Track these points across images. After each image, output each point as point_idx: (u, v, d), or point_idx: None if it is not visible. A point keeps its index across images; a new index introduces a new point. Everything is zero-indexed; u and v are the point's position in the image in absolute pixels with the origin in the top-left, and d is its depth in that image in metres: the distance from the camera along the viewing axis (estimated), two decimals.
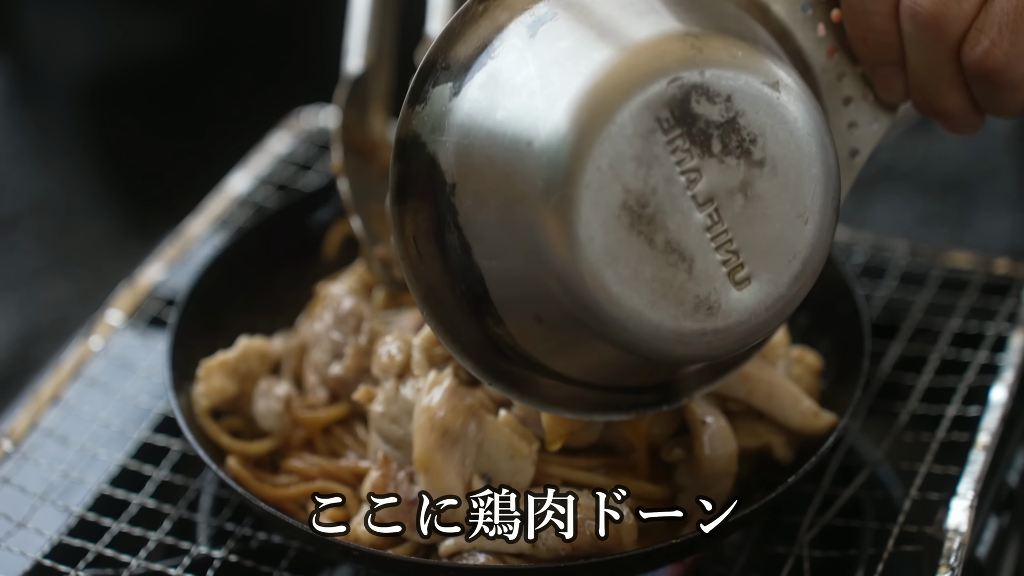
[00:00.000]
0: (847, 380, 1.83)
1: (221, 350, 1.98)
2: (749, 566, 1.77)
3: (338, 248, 2.16)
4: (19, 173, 4.08)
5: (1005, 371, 1.92)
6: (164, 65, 4.14)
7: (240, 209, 2.37)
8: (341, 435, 1.88)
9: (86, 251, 3.84)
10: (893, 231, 3.15)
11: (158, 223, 2.87)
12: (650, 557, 1.63)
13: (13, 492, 1.90)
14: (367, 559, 1.68)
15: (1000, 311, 2.05)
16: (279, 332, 2.06)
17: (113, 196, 4.11)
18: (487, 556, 1.63)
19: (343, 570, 1.90)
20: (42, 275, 3.76)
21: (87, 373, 2.07)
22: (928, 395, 1.96)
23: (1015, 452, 2.02)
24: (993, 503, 1.93)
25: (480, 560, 1.63)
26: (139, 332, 2.15)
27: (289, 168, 2.47)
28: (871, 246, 2.23)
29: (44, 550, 1.84)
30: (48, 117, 4.33)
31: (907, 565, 1.81)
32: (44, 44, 4.23)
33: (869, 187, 3.82)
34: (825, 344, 1.93)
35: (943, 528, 1.73)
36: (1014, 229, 3.68)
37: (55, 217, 3.94)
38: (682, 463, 1.75)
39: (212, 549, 1.83)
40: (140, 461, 1.96)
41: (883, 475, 1.98)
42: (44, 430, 1.99)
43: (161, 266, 2.25)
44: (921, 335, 2.11)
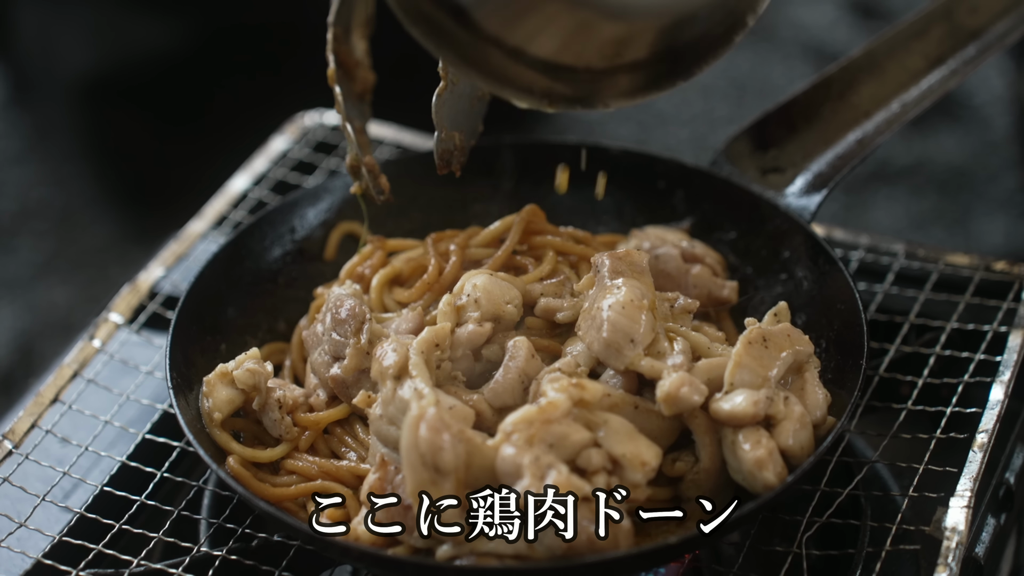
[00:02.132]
0: (846, 381, 1.84)
1: (222, 348, 1.99)
2: (748, 565, 1.78)
3: (337, 249, 2.17)
4: (19, 175, 4.09)
5: (1003, 371, 1.92)
6: (163, 68, 4.14)
7: (242, 210, 2.38)
8: (341, 436, 1.89)
9: (87, 252, 3.85)
10: (891, 232, 3.16)
11: (158, 224, 2.88)
12: (648, 556, 1.64)
13: (14, 492, 1.91)
14: (366, 559, 1.68)
15: (998, 311, 2.06)
16: (278, 333, 2.08)
17: (113, 198, 4.11)
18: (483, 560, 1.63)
19: (343, 569, 1.91)
20: (43, 276, 3.76)
21: (88, 374, 2.08)
22: (926, 394, 1.97)
23: (1013, 451, 2.03)
24: (991, 502, 1.94)
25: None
26: (140, 332, 2.16)
27: (291, 170, 2.47)
28: (869, 247, 2.23)
29: (45, 549, 1.85)
30: (46, 120, 4.33)
31: (905, 564, 1.82)
32: (42, 47, 4.23)
33: (867, 189, 3.83)
34: (824, 344, 1.94)
35: (941, 527, 1.73)
36: (1011, 230, 3.68)
37: (56, 219, 3.95)
38: (688, 474, 1.76)
39: (212, 548, 1.83)
40: (141, 461, 1.96)
41: (881, 474, 1.99)
42: (45, 430, 1.99)
43: (162, 267, 2.25)
44: (919, 335, 2.11)
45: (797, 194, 2.10)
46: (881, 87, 2.19)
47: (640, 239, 2.08)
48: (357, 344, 1.84)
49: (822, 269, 1.99)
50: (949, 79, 2.18)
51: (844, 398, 1.80)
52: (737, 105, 4.19)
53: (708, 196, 2.15)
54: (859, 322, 1.88)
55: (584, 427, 1.67)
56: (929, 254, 2.19)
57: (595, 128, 4.12)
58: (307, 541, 1.73)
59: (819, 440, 1.75)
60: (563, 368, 1.77)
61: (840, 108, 2.19)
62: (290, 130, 2.55)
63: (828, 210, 3.66)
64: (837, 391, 1.82)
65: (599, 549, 1.61)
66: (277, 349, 2.06)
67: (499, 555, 1.63)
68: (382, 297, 1.99)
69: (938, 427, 1.88)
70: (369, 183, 2.01)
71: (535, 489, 1.59)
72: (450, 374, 1.82)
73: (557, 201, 2.17)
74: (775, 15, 4.47)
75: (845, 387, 1.83)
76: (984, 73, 4.09)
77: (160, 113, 4.12)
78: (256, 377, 1.87)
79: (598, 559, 1.60)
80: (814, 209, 2.08)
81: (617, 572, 1.66)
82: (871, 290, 2.16)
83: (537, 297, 1.90)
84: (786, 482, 1.68)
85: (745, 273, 2.10)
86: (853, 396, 1.78)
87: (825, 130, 2.17)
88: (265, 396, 1.87)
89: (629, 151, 2.21)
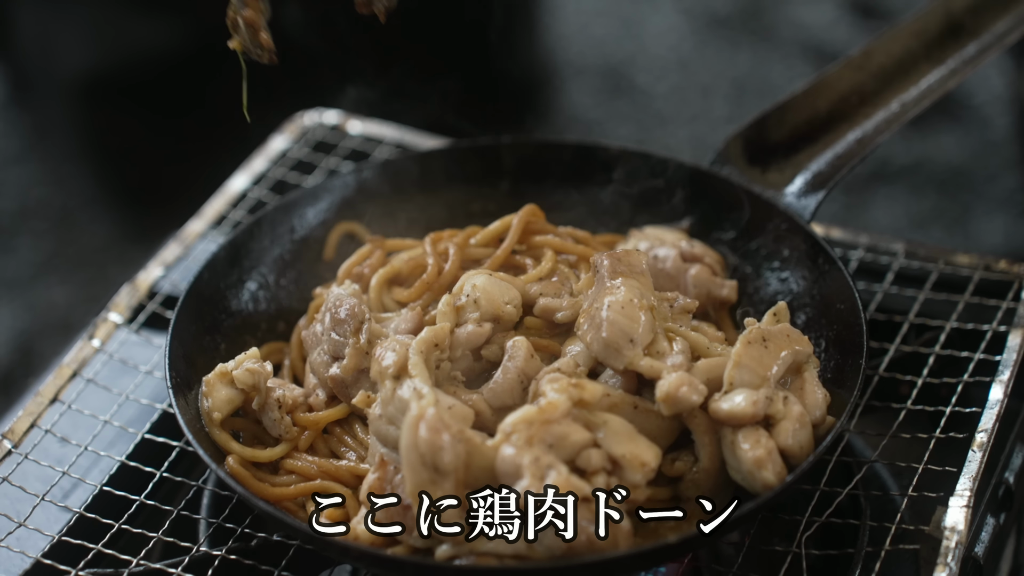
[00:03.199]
0: (845, 381, 1.84)
1: (221, 348, 1.99)
2: (747, 564, 1.78)
3: (336, 249, 2.17)
4: (18, 175, 4.09)
5: (1002, 370, 1.92)
6: (162, 67, 4.14)
7: (241, 210, 2.38)
8: (341, 435, 1.88)
9: (87, 252, 3.84)
10: (890, 232, 3.16)
11: (158, 224, 2.88)
12: (648, 556, 1.64)
13: (14, 491, 1.91)
14: (366, 559, 1.68)
15: (997, 311, 2.06)
16: (277, 333, 2.08)
17: (113, 197, 4.11)
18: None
19: (342, 569, 1.91)
20: (43, 276, 3.76)
21: (88, 373, 2.08)
22: (925, 394, 1.97)
23: (1012, 451, 2.03)
24: (990, 502, 1.94)
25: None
26: (140, 332, 2.16)
27: (290, 170, 2.47)
28: (869, 246, 2.23)
29: (44, 549, 1.85)
30: (45, 119, 4.33)
31: (905, 563, 1.82)
32: (41, 46, 4.23)
33: (866, 188, 3.83)
34: (823, 344, 1.94)
35: (940, 527, 1.73)
36: (1011, 229, 3.68)
37: (55, 218, 3.95)
38: (688, 474, 1.76)
39: (212, 548, 1.83)
40: (140, 461, 1.96)
41: (881, 474, 1.99)
42: (45, 430, 1.99)
43: (162, 267, 2.25)
44: (919, 334, 2.11)
45: (796, 194, 2.10)
46: (880, 87, 2.19)
47: (638, 239, 2.08)
48: (356, 344, 1.84)
49: (822, 269, 1.99)
50: (948, 79, 2.18)
51: (844, 397, 1.80)
52: (737, 105, 4.19)
53: (707, 196, 2.15)
54: (859, 322, 1.87)
55: (584, 427, 1.67)
56: (929, 254, 2.19)
57: (594, 128, 4.12)
58: (307, 541, 1.73)
59: (818, 439, 1.75)
60: (562, 368, 1.77)
61: (839, 108, 2.19)
62: (289, 129, 2.55)
63: (828, 210, 3.66)
64: (836, 391, 1.82)
65: (599, 549, 1.61)
66: (276, 349, 2.06)
67: (499, 555, 1.63)
68: (381, 297, 1.99)
69: (937, 427, 1.88)
70: (246, 39, 1.88)
71: (535, 489, 1.59)
72: (449, 374, 1.82)
73: (556, 201, 2.17)
74: (775, 15, 4.47)
75: (845, 387, 1.83)
76: (984, 73, 4.09)
77: (159, 112, 4.12)
78: (256, 377, 1.87)
79: (598, 559, 1.60)
80: (813, 209, 2.08)
81: (617, 572, 1.66)
82: (871, 290, 2.16)
83: (536, 297, 1.90)
84: (786, 482, 1.68)
85: (744, 273, 2.10)
86: (853, 396, 1.78)
87: (824, 130, 2.17)
88: (265, 396, 1.87)
89: (628, 151, 2.21)
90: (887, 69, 2.20)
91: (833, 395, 1.82)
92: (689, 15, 4.46)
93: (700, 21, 4.46)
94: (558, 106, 4.27)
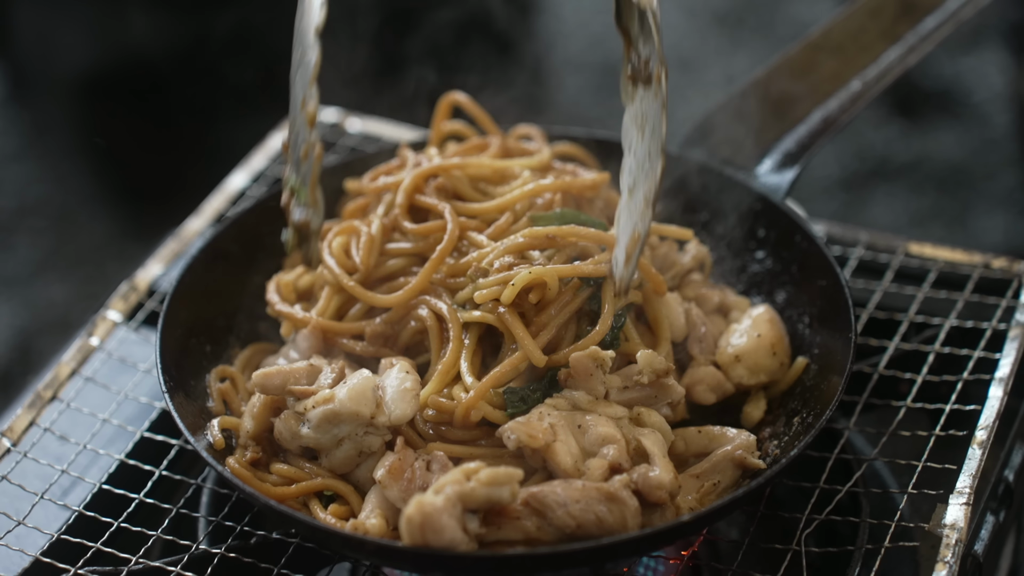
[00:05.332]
0: (835, 357, 1.85)
1: (207, 349, 1.99)
2: (747, 562, 1.78)
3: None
4: (17, 173, 4.08)
5: (1002, 368, 1.92)
6: (161, 65, 4.14)
7: (240, 208, 2.37)
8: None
9: (85, 250, 3.84)
10: (890, 229, 3.15)
11: (157, 222, 2.87)
12: (648, 541, 1.66)
13: (13, 490, 1.91)
14: (381, 553, 1.67)
15: (997, 308, 2.06)
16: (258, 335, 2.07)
17: (111, 195, 4.11)
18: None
19: (341, 567, 1.91)
20: (42, 274, 3.76)
21: (87, 371, 2.07)
22: (925, 392, 1.97)
23: (1012, 449, 2.03)
24: (990, 499, 1.94)
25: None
26: (139, 330, 2.16)
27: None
28: (868, 244, 2.23)
29: (44, 547, 1.85)
30: (45, 117, 4.33)
31: (904, 561, 1.82)
32: (40, 44, 4.23)
33: (866, 186, 3.82)
34: (807, 320, 1.95)
35: (940, 524, 1.73)
36: (1010, 227, 3.68)
37: (54, 216, 3.94)
38: None
39: (211, 546, 1.83)
40: (139, 459, 1.96)
41: (880, 471, 1.99)
42: (44, 428, 1.99)
43: (161, 264, 2.25)
44: (918, 332, 2.11)
45: (768, 172, 2.11)
46: (841, 66, 2.22)
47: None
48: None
49: (800, 246, 2.00)
50: (907, 55, 2.21)
51: (835, 382, 1.81)
52: None
53: (679, 179, 2.14)
54: (843, 297, 1.88)
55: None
56: (928, 251, 2.19)
57: (594, 126, 4.11)
58: (321, 538, 1.73)
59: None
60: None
61: (802, 88, 2.21)
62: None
63: (827, 207, 3.67)
64: (827, 375, 1.85)
65: (606, 530, 1.63)
66: (259, 350, 2.04)
67: (509, 541, 1.64)
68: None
69: (937, 424, 1.88)
70: (311, 248, 1.88)
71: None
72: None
73: None
74: (773, 12, 4.47)
75: (835, 364, 1.84)
76: (984, 70, 4.09)
77: (158, 110, 4.12)
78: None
79: (604, 543, 1.62)
80: (787, 187, 2.10)
81: (622, 555, 1.68)
82: (870, 287, 2.16)
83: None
84: (773, 467, 1.70)
85: (721, 254, 2.11)
86: (846, 371, 1.79)
87: (789, 110, 2.19)
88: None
89: (596, 139, 2.21)
90: (845, 47, 2.22)
91: (824, 376, 1.85)
92: (689, 13, 4.46)
93: (700, 19, 4.45)
94: (558, 103, 4.27)
